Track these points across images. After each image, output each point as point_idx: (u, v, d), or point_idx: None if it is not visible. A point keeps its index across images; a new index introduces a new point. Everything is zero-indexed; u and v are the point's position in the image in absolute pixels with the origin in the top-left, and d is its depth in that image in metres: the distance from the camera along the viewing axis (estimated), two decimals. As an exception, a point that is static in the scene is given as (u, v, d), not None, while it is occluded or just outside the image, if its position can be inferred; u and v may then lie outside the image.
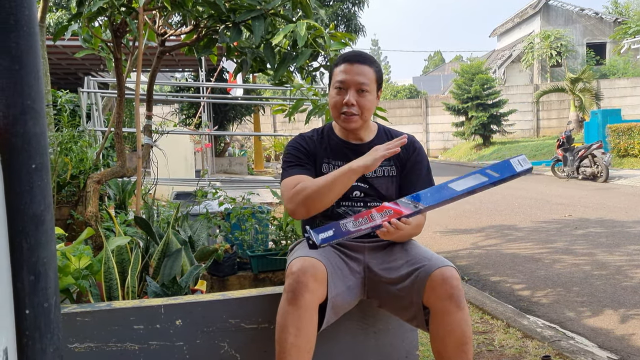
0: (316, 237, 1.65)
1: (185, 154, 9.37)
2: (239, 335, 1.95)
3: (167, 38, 2.98)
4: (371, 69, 1.97)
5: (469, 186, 1.65)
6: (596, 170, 11.49)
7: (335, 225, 1.67)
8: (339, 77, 1.96)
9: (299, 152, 2.03)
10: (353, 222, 1.67)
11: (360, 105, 1.94)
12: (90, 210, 2.58)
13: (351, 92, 1.93)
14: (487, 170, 1.66)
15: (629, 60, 25.58)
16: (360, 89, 1.94)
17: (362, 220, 1.67)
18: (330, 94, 2.01)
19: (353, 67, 1.95)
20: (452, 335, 1.73)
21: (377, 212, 1.67)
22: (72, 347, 1.82)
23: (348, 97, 1.93)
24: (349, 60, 1.97)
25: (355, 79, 1.93)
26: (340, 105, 1.95)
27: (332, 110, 2.00)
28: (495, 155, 20.21)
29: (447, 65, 49.48)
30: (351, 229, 1.66)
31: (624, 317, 3.31)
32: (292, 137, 2.15)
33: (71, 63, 11.21)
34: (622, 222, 6.51)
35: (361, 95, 1.94)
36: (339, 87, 1.96)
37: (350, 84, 1.94)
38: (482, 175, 1.65)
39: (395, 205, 1.68)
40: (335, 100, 1.97)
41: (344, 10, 16.78)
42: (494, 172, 1.65)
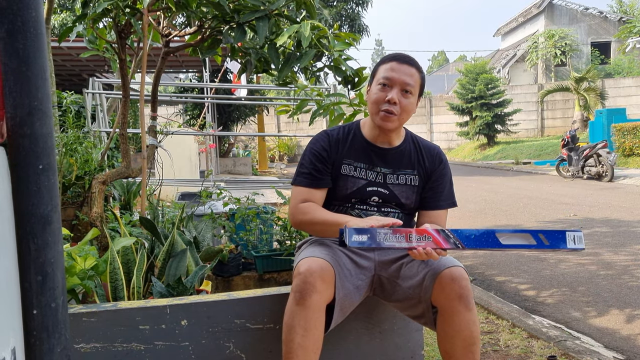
0: (350, 237, 1.61)
1: (190, 154, 9.39)
2: (245, 335, 1.95)
3: (171, 39, 2.99)
4: (418, 73, 1.95)
5: (515, 244, 1.62)
6: (601, 170, 11.45)
7: (373, 232, 1.61)
8: (385, 73, 1.92)
9: (318, 160, 1.99)
10: (391, 234, 1.62)
11: (402, 105, 1.91)
12: (95, 211, 2.58)
13: (395, 90, 1.90)
14: (539, 234, 1.62)
15: (633, 59, 25.47)
16: (405, 90, 1.91)
17: (399, 236, 1.62)
18: (372, 90, 1.97)
19: (402, 66, 1.92)
20: (460, 336, 1.73)
21: (417, 234, 1.63)
22: (78, 347, 1.83)
23: (392, 95, 1.89)
24: (397, 60, 1.94)
25: (403, 79, 1.91)
26: (382, 102, 1.91)
27: (372, 106, 1.94)
28: (499, 155, 20.17)
29: (451, 65, 49.40)
30: (385, 243, 1.62)
31: (630, 317, 3.29)
32: (296, 138, 2.14)
33: (76, 64, 11.24)
34: (628, 222, 6.49)
35: (405, 95, 1.92)
36: (383, 83, 1.92)
37: (397, 82, 1.90)
38: (533, 237, 1.61)
39: (437, 234, 1.63)
40: (377, 97, 1.92)
41: (348, 11, 16.78)
42: (545, 239, 1.61)
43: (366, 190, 1.98)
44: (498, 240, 1.61)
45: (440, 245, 1.61)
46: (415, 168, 2.02)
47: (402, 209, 2.01)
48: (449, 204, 2.05)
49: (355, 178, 1.99)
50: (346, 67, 2.79)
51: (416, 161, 2.03)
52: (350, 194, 1.98)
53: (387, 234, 1.62)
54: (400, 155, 2.02)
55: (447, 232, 1.63)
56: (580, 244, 1.60)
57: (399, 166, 2.01)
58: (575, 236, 1.60)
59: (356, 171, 1.99)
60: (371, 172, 2.00)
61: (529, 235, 1.61)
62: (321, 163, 1.98)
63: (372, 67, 2.04)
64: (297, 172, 2.02)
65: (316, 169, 1.98)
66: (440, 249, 1.61)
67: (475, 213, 7.77)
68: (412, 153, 2.04)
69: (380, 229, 1.61)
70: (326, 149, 2.00)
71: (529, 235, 1.61)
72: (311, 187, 1.97)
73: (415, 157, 2.04)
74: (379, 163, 2.00)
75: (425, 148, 2.07)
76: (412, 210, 2.05)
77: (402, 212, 2.02)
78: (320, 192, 1.98)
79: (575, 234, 1.61)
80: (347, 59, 2.81)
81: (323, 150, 2.00)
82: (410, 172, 2.02)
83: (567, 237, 1.60)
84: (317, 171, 1.98)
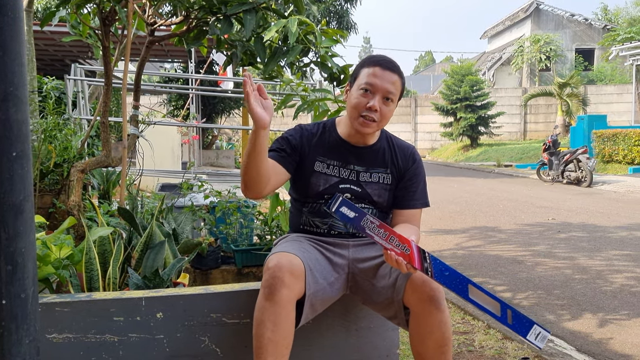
0: (338, 205, 1.61)
1: (172, 145, 9.31)
2: (220, 329, 1.94)
3: (156, 28, 2.95)
4: (400, 79, 1.94)
5: (481, 304, 1.61)
6: (580, 175, 11.61)
7: (361, 215, 1.63)
8: (368, 79, 1.89)
9: (286, 143, 1.99)
10: (376, 226, 1.62)
11: (382, 112, 1.90)
12: (73, 200, 2.55)
13: (377, 97, 1.89)
14: (508, 309, 1.60)
15: (616, 67, 25.84)
16: (387, 97, 1.90)
17: (382, 232, 1.63)
18: (352, 93, 1.94)
19: (385, 73, 1.90)
20: (432, 337, 1.74)
21: (398, 241, 1.63)
22: (50, 337, 1.80)
23: (374, 102, 1.88)
24: (381, 65, 1.91)
25: (385, 87, 1.89)
26: (363, 108, 1.89)
27: (352, 110, 1.92)
28: (482, 157, 20.35)
29: (438, 65, 49.64)
30: (366, 230, 1.63)
31: (602, 321, 3.35)
32: (280, 133, 2.13)
33: (58, 50, 11.06)
34: (604, 227, 6.59)
35: (386, 103, 1.91)
36: (366, 89, 1.89)
37: (379, 89, 1.89)
38: (501, 308, 1.60)
39: (416, 251, 1.62)
40: (358, 102, 1.90)
41: (337, 7, 16.75)
42: (510, 317, 1.59)
43: (338, 187, 1.98)
44: (467, 292, 1.61)
45: (413, 263, 1.62)
46: (388, 167, 2.02)
47: (375, 206, 2.01)
48: (422, 204, 2.05)
49: (328, 175, 1.98)
50: (332, 63, 2.79)
51: (389, 160, 2.03)
52: (323, 191, 1.97)
53: (373, 223, 1.63)
54: (374, 153, 2.02)
55: (426, 255, 1.63)
56: (541, 343, 1.58)
57: (372, 164, 2.01)
58: (541, 333, 1.58)
59: (329, 168, 1.99)
60: (344, 170, 2.00)
61: (498, 306, 1.60)
62: (290, 148, 1.98)
63: (357, 67, 2.01)
64: None
65: (281, 148, 1.97)
66: (411, 265, 1.62)
67: (456, 214, 7.82)
68: (386, 152, 2.04)
69: (369, 215, 1.64)
70: (297, 139, 2.00)
71: (497, 305, 1.60)
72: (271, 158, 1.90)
73: (388, 155, 2.04)
74: (353, 161, 2.00)
75: (399, 147, 2.07)
76: (387, 208, 2.05)
77: (376, 209, 2.02)
78: (277, 166, 1.91)
79: (542, 332, 1.59)
80: (334, 56, 2.81)
81: (294, 139, 2.00)
82: (383, 170, 2.02)
83: (532, 329, 1.58)
84: (283, 150, 1.97)
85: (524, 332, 1.58)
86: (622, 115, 22.04)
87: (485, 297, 1.61)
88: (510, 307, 1.60)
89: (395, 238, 1.63)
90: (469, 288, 1.61)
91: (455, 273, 1.63)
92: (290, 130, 2.06)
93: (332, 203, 1.65)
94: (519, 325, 1.59)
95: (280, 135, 2.04)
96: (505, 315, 1.59)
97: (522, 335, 1.58)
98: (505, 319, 1.59)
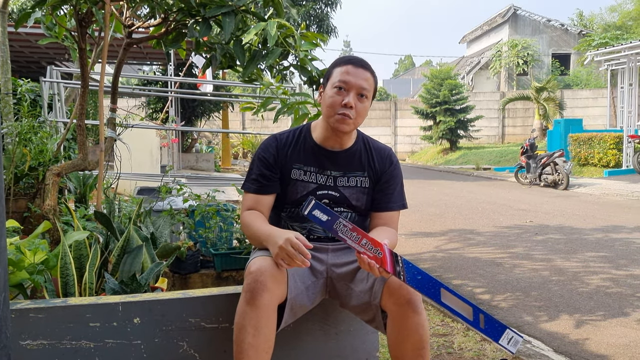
0: (311, 209, 1.62)
1: (151, 148, 9.22)
2: (199, 334, 1.92)
3: (134, 30, 2.92)
4: (372, 77, 1.95)
5: (453, 307, 1.61)
6: (557, 178, 11.78)
7: (334, 218, 1.63)
8: (341, 77, 1.90)
9: (265, 166, 1.99)
10: (348, 229, 1.62)
11: (357, 109, 1.91)
12: (48, 204, 2.51)
13: (352, 94, 1.90)
14: (480, 313, 1.60)
15: (591, 72, 26.31)
16: (361, 94, 1.91)
17: (354, 235, 1.63)
18: (327, 92, 1.94)
19: (357, 70, 1.91)
20: (410, 340, 1.74)
21: (370, 244, 1.63)
22: (24, 344, 1.77)
23: (349, 99, 1.89)
24: (353, 63, 1.93)
25: (359, 83, 1.90)
26: (338, 106, 1.89)
27: (328, 109, 1.92)
28: (461, 160, 20.53)
29: (417, 69, 50.07)
30: (339, 233, 1.63)
31: (578, 322, 3.39)
32: (260, 136, 2.12)
33: (34, 51, 10.89)
34: (580, 229, 6.69)
35: (360, 100, 1.92)
36: (340, 87, 1.90)
37: (353, 86, 1.90)
38: (473, 312, 1.60)
39: (389, 255, 1.63)
40: (333, 100, 1.90)
41: (317, 11, 16.79)
42: (483, 322, 1.59)
43: (316, 194, 1.98)
44: (439, 296, 1.61)
45: (385, 267, 1.62)
46: (365, 170, 2.03)
47: (354, 210, 2.02)
48: (399, 206, 2.05)
49: (305, 182, 1.99)
50: (312, 67, 2.79)
51: (366, 162, 2.04)
52: (301, 198, 1.97)
53: (346, 227, 1.63)
54: (350, 157, 2.02)
55: (399, 259, 1.63)
56: (513, 348, 1.58)
57: (349, 168, 2.01)
58: (513, 337, 1.59)
59: (306, 175, 1.99)
60: (321, 176, 1.99)
61: (470, 310, 1.60)
62: (268, 170, 1.98)
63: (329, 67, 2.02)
64: (246, 177, 2.02)
65: (263, 176, 1.98)
66: (383, 269, 1.62)
67: (435, 216, 7.88)
68: (363, 154, 2.04)
69: (343, 219, 1.64)
70: (273, 155, 2.00)
71: (470, 310, 1.60)
72: (258, 194, 1.98)
73: (365, 158, 2.04)
74: (329, 166, 2.00)
75: (376, 149, 2.08)
76: (365, 211, 2.05)
77: (354, 213, 2.02)
78: (268, 198, 1.99)
79: (515, 336, 1.59)
80: (313, 59, 2.81)
81: (270, 156, 2.00)
82: (361, 174, 2.02)
83: (504, 334, 1.58)
84: (264, 177, 1.98)
85: (496, 336, 1.59)
86: (597, 119, 22.44)
87: (458, 301, 1.62)
88: (483, 311, 1.61)
89: (367, 241, 1.63)
90: (442, 292, 1.61)
91: (428, 277, 1.63)
92: (264, 147, 2.04)
93: (305, 206, 1.65)
94: (491, 329, 1.59)
95: (256, 158, 2.03)
96: (477, 320, 1.60)
97: (494, 340, 1.59)
98: (478, 323, 1.59)
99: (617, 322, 3.37)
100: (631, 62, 14.38)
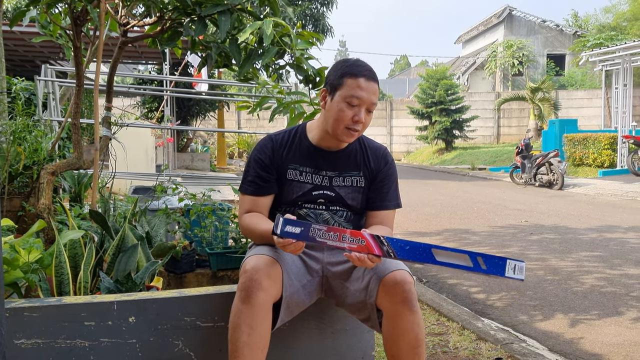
0: (283, 227, 1.61)
1: (146, 148, 9.21)
2: (194, 333, 1.92)
3: (129, 29, 2.91)
4: (378, 88, 1.95)
5: (450, 262, 1.59)
6: (552, 178, 11.82)
7: (307, 227, 1.61)
8: (354, 92, 1.86)
9: (261, 168, 1.98)
10: (324, 232, 1.61)
11: (365, 123, 1.91)
12: (43, 202, 2.50)
13: (362, 109, 1.89)
14: (477, 257, 1.59)
15: (586, 73, 26.40)
16: (369, 109, 1.91)
17: (332, 234, 1.61)
18: (338, 105, 1.89)
19: (369, 84, 1.89)
20: (405, 338, 1.74)
21: (350, 236, 1.62)
22: (18, 342, 1.76)
23: (361, 116, 1.88)
24: (365, 76, 1.89)
25: (371, 99, 1.89)
26: (349, 121, 1.88)
27: (336, 122, 1.89)
28: (456, 160, 20.57)
29: (413, 69, 50.11)
30: (317, 238, 1.61)
31: (573, 321, 3.40)
32: (256, 135, 2.12)
33: (29, 50, 10.85)
34: (575, 229, 6.71)
35: (368, 114, 1.92)
36: (352, 103, 1.87)
37: (365, 102, 1.88)
38: (470, 259, 1.59)
39: (371, 239, 1.61)
40: (344, 114, 1.87)
41: (313, 10, 16.78)
42: (483, 263, 1.58)
43: (312, 194, 1.98)
44: (433, 256, 1.59)
45: (372, 251, 1.61)
46: (360, 169, 2.03)
47: (350, 209, 2.02)
48: (394, 205, 2.05)
49: (301, 183, 1.99)
50: (308, 66, 2.78)
51: (362, 162, 2.04)
52: (297, 198, 1.98)
53: (320, 230, 1.61)
54: (346, 157, 2.02)
55: (382, 239, 1.62)
56: (520, 275, 1.57)
57: (344, 168, 2.01)
58: (516, 266, 1.58)
59: (302, 176, 1.99)
60: (317, 176, 2.00)
61: (467, 257, 1.59)
62: (264, 171, 1.98)
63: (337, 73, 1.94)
64: (243, 179, 2.02)
65: (260, 177, 1.98)
66: (372, 254, 1.61)
67: (431, 216, 7.89)
68: (358, 154, 2.05)
69: (315, 224, 1.62)
70: (269, 156, 2.00)
71: (466, 257, 1.59)
72: (255, 195, 1.98)
73: (360, 157, 2.04)
74: (325, 166, 2.00)
75: (371, 149, 2.08)
76: (360, 210, 2.05)
77: (350, 212, 2.02)
78: (265, 199, 1.99)
79: (517, 264, 1.58)
80: (309, 59, 2.80)
81: (266, 157, 1.99)
82: (356, 173, 2.02)
83: (506, 266, 1.58)
84: (261, 179, 1.98)
85: (501, 271, 1.58)
86: (592, 120, 22.52)
87: (453, 254, 1.60)
88: (479, 253, 1.60)
89: (347, 235, 1.62)
90: (434, 252, 1.60)
91: (416, 244, 1.62)
92: (260, 148, 2.03)
93: (275, 227, 1.62)
94: (494, 267, 1.59)
95: (252, 160, 2.02)
96: (477, 264, 1.59)
97: (501, 275, 1.57)
98: (479, 266, 1.59)
99: (611, 321, 3.38)
100: (625, 62, 14.45)
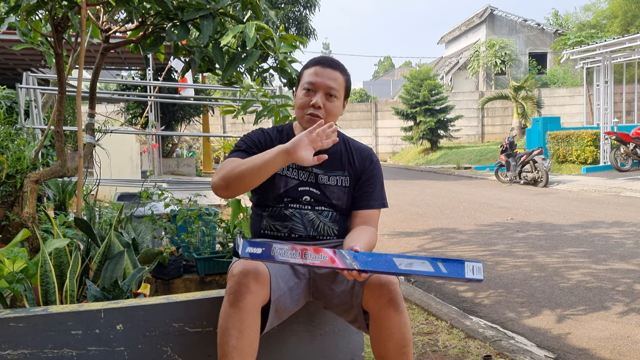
0: (244, 248, 1.59)
1: (131, 154, 9.14)
2: (183, 339, 1.91)
3: (111, 35, 2.89)
4: (342, 76, 1.98)
5: (412, 269, 1.60)
6: (537, 176, 11.93)
7: (268, 247, 1.60)
8: (309, 78, 1.96)
9: (252, 142, 2.02)
10: (287, 250, 1.61)
11: (326, 109, 1.95)
12: (27, 211, 2.47)
13: (320, 94, 1.94)
14: (437, 262, 1.60)
15: (568, 70, 26.71)
16: (329, 94, 1.95)
17: (294, 252, 1.61)
18: (297, 95, 2.00)
19: (325, 70, 1.95)
20: (393, 339, 1.74)
21: (313, 253, 1.61)
22: (4, 354, 1.74)
23: (316, 100, 1.93)
24: (321, 64, 1.97)
25: (326, 83, 1.94)
26: (307, 107, 1.94)
27: (298, 111, 1.98)
28: (442, 160, 20.68)
29: (397, 70, 50.30)
30: (279, 258, 1.60)
31: (560, 317, 3.44)
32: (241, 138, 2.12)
33: (9, 58, 10.71)
34: (560, 226, 6.78)
35: (329, 99, 1.95)
36: (307, 88, 1.95)
37: (320, 86, 1.94)
38: (431, 264, 1.60)
39: (333, 254, 1.62)
40: (302, 101, 1.96)
41: (295, 13, 16.82)
42: (443, 267, 1.59)
43: (298, 189, 2.00)
44: (395, 265, 1.60)
45: (336, 265, 1.61)
46: (345, 169, 2.05)
47: (335, 209, 2.03)
48: (379, 204, 2.07)
49: (287, 177, 2.01)
50: (291, 69, 2.79)
51: (347, 162, 2.06)
52: (283, 194, 1.99)
53: (282, 249, 1.60)
54: (331, 156, 2.03)
55: (344, 253, 1.62)
56: (479, 275, 1.59)
57: (329, 167, 2.03)
58: (474, 267, 1.60)
59: (289, 170, 2.01)
60: (303, 172, 2.02)
61: (428, 263, 1.60)
62: (256, 147, 2.01)
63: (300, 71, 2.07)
64: (233, 150, 2.02)
65: (249, 147, 2.00)
66: (337, 269, 1.61)
67: (418, 216, 7.92)
68: (343, 154, 2.07)
69: (277, 244, 1.60)
70: (260, 140, 2.04)
71: (427, 263, 1.60)
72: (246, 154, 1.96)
73: (345, 158, 2.07)
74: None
75: (356, 149, 2.11)
76: (346, 211, 2.06)
77: (335, 212, 2.03)
78: None
79: (475, 265, 1.60)
80: (293, 62, 2.81)
81: (257, 139, 2.04)
82: (341, 173, 2.04)
83: (465, 268, 1.59)
84: (251, 149, 2.00)
85: (461, 273, 1.59)
86: (574, 117, 22.79)
87: (414, 262, 1.61)
88: (438, 258, 1.61)
89: (309, 252, 1.61)
90: (395, 261, 1.61)
91: (377, 255, 1.63)
92: (255, 133, 2.08)
93: (237, 248, 1.61)
94: (454, 270, 1.59)
95: (246, 137, 2.06)
96: (439, 268, 1.59)
97: (461, 277, 1.58)
98: (440, 271, 1.59)
99: (597, 315, 3.43)
100: (606, 60, 14.63)
